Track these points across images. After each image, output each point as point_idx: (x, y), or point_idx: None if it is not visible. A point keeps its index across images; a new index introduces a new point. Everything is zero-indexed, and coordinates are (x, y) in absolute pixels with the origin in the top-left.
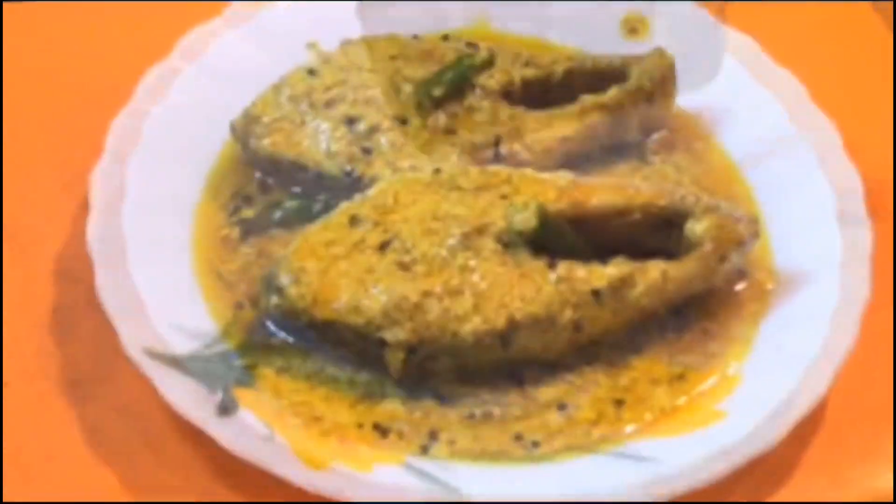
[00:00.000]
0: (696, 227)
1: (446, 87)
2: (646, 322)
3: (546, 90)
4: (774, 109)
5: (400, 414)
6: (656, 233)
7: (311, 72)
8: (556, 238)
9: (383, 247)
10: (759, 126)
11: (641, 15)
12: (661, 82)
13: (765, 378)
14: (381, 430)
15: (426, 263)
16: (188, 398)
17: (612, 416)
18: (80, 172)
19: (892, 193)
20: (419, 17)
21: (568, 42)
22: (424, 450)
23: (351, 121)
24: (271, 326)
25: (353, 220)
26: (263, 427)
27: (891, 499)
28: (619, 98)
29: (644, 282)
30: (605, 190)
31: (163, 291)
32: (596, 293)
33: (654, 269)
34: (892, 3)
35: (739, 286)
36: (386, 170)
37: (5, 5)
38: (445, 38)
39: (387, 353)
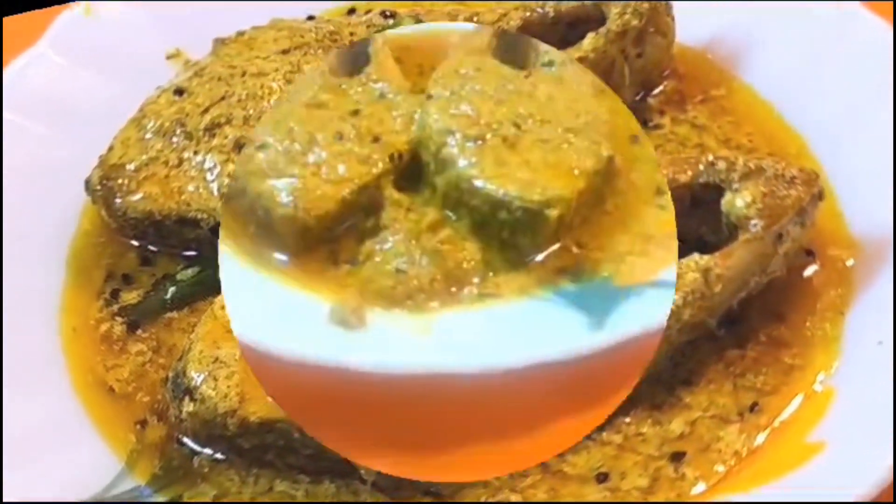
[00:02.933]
0: (737, 201)
1: None
2: (693, 342)
3: None
4: (814, 26)
5: None
6: (684, 219)
7: (179, 91)
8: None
9: None
10: (796, 51)
11: None
12: (652, 16)
13: (865, 387)
14: None
15: None
16: None
17: (672, 476)
18: None
19: None
20: None
21: None
22: None
23: (244, 147)
24: (190, 443)
25: None
26: None
27: (891, 499)
28: (600, 47)
29: (680, 289)
30: None
31: (36, 425)
32: None
33: (691, 269)
34: (892, 2)
35: (809, 270)
36: None
37: None
38: (351, 11)
39: None
